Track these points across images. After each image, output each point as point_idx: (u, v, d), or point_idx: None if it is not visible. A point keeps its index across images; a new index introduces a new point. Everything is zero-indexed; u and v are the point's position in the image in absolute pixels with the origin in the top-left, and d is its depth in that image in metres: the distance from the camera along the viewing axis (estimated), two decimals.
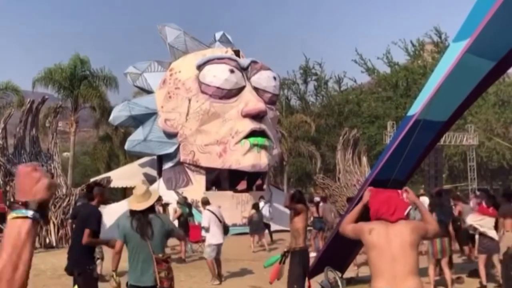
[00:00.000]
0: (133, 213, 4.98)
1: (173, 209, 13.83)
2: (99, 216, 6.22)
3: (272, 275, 6.99)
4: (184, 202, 14.54)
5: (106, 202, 13.07)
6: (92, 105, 30.33)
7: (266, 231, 16.48)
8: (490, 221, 8.88)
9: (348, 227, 3.99)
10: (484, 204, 9.51)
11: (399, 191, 3.99)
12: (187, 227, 13.61)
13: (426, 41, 44.48)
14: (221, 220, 10.01)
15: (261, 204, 16.83)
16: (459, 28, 5.71)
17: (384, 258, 3.63)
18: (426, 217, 3.92)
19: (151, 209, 5.06)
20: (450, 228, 9.16)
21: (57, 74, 28.83)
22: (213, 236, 9.91)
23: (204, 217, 10.38)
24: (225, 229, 10.03)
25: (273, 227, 18.52)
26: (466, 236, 10.45)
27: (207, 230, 10.05)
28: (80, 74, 29.70)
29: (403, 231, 3.69)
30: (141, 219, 4.90)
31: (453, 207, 12.72)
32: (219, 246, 9.94)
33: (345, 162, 24.32)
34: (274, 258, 7.30)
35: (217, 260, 9.97)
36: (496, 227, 8.78)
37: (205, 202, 10.94)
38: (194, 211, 17.57)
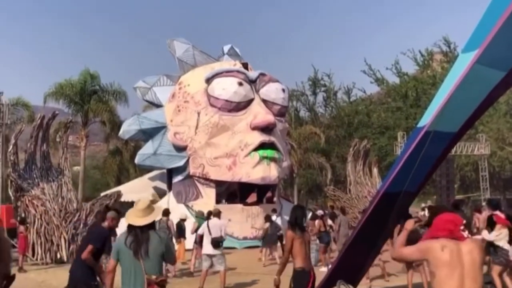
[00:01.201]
0: (130, 228, 4.59)
1: (193, 223, 13.74)
2: (106, 236, 6.07)
3: None
4: (201, 215, 14.45)
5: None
6: (102, 119, 30.53)
7: (278, 243, 16.40)
8: (506, 232, 8.76)
9: (409, 250, 3.86)
10: (499, 213, 9.35)
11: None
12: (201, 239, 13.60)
13: (435, 50, 44.41)
14: (210, 233, 10.10)
15: (273, 217, 16.74)
16: (468, 38, 5.66)
17: (456, 277, 3.55)
18: None
19: (151, 225, 4.66)
20: None
21: (68, 89, 29.10)
22: (204, 247, 10.34)
23: (201, 227, 10.77)
24: (214, 242, 10.08)
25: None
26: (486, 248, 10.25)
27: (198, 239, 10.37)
28: (90, 89, 29.97)
29: (473, 249, 3.63)
30: (138, 235, 4.50)
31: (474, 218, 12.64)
32: (211, 257, 10.11)
33: (355, 174, 24.19)
34: None
35: (221, 272, 10.13)
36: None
37: (215, 214, 11.00)
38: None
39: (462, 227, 3.73)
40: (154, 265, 4.51)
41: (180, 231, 14.26)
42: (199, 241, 11.62)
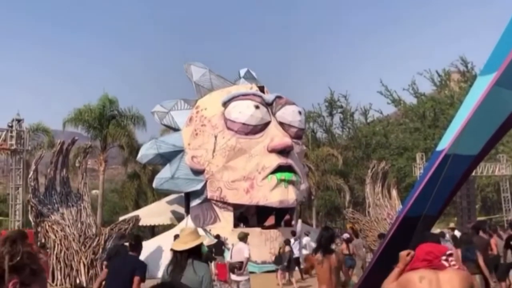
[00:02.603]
0: (173, 255, 4.57)
1: (172, 253, 13.64)
2: (145, 267, 6.17)
3: None
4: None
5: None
6: (120, 143, 30.81)
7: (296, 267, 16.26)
8: None
9: (391, 285, 3.89)
10: None
11: (446, 259, 3.83)
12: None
13: (452, 70, 44.23)
14: (231, 257, 10.65)
15: (292, 240, 16.62)
16: (485, 61, 5.62)
17: None
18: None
19: (191, 253, 4.51)
20: (481, 263, 8.75)
21: (87, 114, 29.49)
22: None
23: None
24: (230, 267, 10.12)
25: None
26: (505, 270, 10.01)
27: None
28: (109, 114, 30.34)
29: (453, 278, 3.62)
30: (177, 262, 4.45)
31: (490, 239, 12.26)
32: (237, 283, 10.61)
33: (374, 196, 23.94)
34: None
35: None
36: None
37: (241, 238, 11.05)
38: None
39: (444, 257, 3.75)
40: None
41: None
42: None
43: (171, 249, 4.64)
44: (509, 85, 5.31)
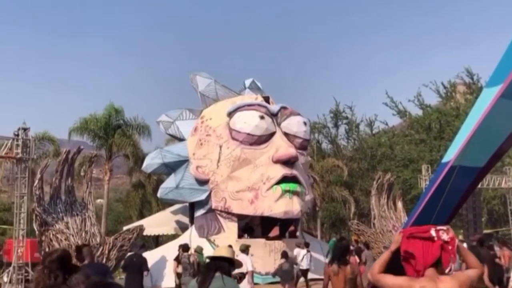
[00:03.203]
0: (205, 266, 4.92)
1: (174, 263, 13.58)
2: None
3: None
4: (201, 251, 14.44)
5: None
6: (125, 153, 30.85)
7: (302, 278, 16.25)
8: None
9: (384, 279, 3.83)
10: None
11: (435, 231, 3.82)
12: None
13: (458, 82, 44.12)
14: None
15: (296, 250, 16.59)
16: (491, 73, 5.59)
17: None
18: (469, 260, 3.80)
19: (221, 267, 4.68)
20: (486, 278, 8.65)
21: (92, 123, 29.59)
22: None
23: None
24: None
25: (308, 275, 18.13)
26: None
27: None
28: (114, 123, 30.42)
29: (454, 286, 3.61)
30: (208, 273, 4.65)
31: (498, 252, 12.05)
32: None
33: (380, 207, 23.82)
34: None
35: None
36: None
37: (242, 250, 11.01)
38: None
39: (434, 229, 3.91)
40: None
41: None
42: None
43: (207, 257, 4.96)
44: None
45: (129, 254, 14.07)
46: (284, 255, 15.32)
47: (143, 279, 5.89)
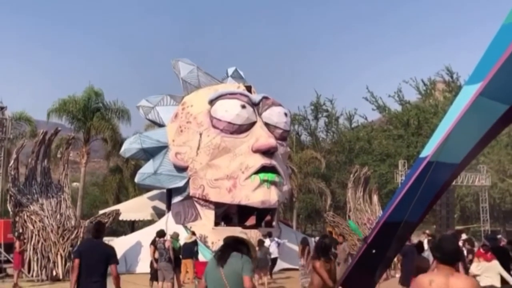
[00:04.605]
0: (225, 242, 5.01)
1: (152, 248, 13.62)
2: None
3: None
4: (177, 237, 14.56)
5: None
6: (104, 137, 30.52)
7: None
8: (487, 266, 8.74)
9: None
10: (480, 249, 9.42)
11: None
12: (178, 262, 13.84)
13: (437, 80, 44.70)
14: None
15: (267, 240, 16.73)
16: (472, 71, 5.70)
17: None
18: None
19: (236, 249, 4.89)
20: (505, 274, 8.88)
21: (71, 105, 29.14)
22: None
23: None
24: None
25: (281, 264, 18.30)
26: None
27: None
28: (94, 106, 30.02)
29: (465, 285, 3.61)
30: (225, 250, 4.85)
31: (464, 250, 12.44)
32: None
33: (355, 200, 24.10)
34: None
35: None
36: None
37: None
38: (201, 247, 17.41)
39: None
40: (234, 282, 4.69)
41: (188, 251, 14.73)
42: None
43: (230, 237, 5.09)
44: (493, 95, 5.38)
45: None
46: (260, 243, 15.43)
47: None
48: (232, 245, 4.90)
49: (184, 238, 15.61)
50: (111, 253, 6.65)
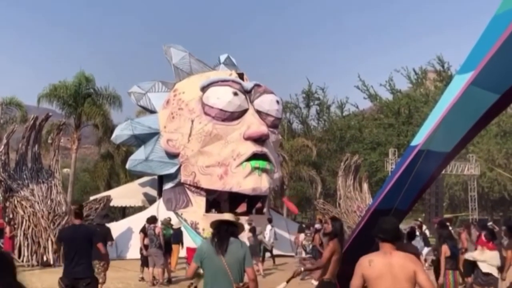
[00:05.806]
0: (216, 229, 4.94)
1: (141, 235, 13.67)
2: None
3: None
4: (167, 224, 14.67)
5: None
6: (95, 123, 30.33)
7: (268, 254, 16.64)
8: (491, 255, 8.84)
9: (353, 282, 3.97)
10: (483, 237, 9.48)
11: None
12: (169, 248, 14.04)
13: (429, 69, 44.84)
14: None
15: (268, 227, 17.01)
16: (463, 60, 5.74)
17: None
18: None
19: (233, 230, 4.95)
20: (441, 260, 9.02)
21: (62, 91, 28.86)
22: None
23: None
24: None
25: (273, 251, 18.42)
26: (470, 267, 10.26)
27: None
28: (85, 92, 29.77)
29: (404, 261, 3.82)
30: (221, 232, 4.84)
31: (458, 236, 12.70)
32: None
33: (346, 188, 24.25)
34: None
35: None
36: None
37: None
38: (192, 233, 17.44)
39: None
40: (236, 271, 4.69)
41: (176, 238, 14.98)
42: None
43: (219, 221, 5.01)
44: (484, 85, 5.44)
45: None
46: (252, 230, 15.51)
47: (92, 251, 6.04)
48: (230, 230, 4.90)
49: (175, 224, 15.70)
50: (94, 232, 6.73)
